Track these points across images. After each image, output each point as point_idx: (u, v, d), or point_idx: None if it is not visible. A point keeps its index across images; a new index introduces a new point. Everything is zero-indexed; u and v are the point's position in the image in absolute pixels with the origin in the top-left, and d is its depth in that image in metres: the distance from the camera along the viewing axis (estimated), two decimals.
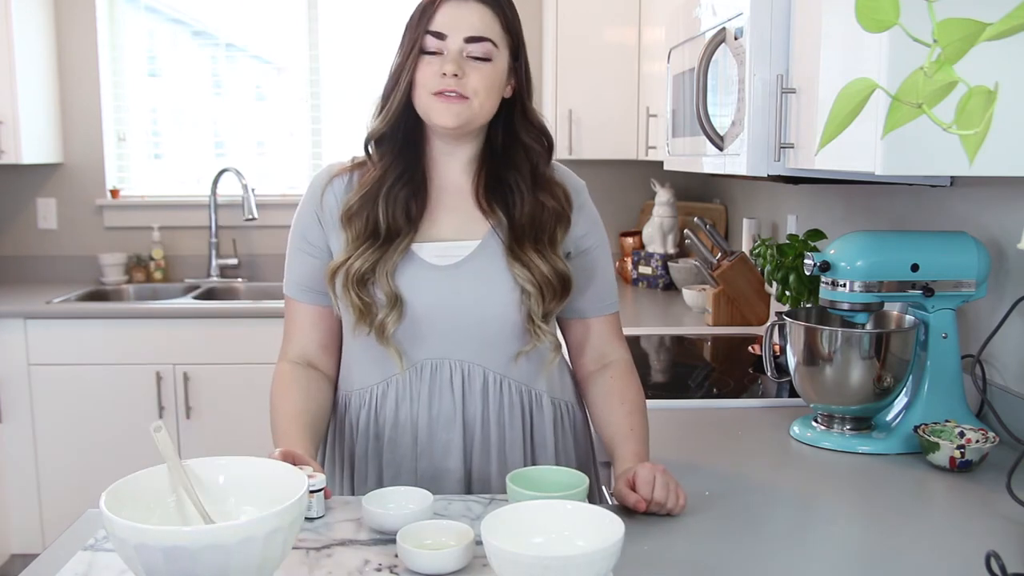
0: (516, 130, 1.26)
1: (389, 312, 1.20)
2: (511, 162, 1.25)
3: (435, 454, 1.25)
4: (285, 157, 3.57)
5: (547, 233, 1.24)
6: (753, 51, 1.43)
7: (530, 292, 1.21)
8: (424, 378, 1.24)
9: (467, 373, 1.24)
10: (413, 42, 1.19)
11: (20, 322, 2.87)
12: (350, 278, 1.19)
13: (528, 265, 1.21)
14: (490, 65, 1.19)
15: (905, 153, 1.05)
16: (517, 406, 1.27)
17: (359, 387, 1.28)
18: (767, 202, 2.70)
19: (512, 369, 1.26)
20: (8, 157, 3.03)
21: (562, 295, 1.24)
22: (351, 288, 1.19)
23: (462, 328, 1.23)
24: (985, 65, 0.71)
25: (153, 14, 3.51)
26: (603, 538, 0.86)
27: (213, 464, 0.96)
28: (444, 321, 1.22)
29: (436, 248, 1.23)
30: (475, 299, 1.22)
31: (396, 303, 1.20)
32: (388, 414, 1.25)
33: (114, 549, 0.92)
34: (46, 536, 2.92)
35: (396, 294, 1.20)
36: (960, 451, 1.27)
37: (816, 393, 1.44)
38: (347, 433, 1.30)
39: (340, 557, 0.97)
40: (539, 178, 1.26)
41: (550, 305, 1.23)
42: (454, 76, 1.16)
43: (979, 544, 1.01)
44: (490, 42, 1.19)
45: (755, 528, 1.11)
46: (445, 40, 1.18)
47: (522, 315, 1.23)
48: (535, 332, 1.23)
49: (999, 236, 1.45)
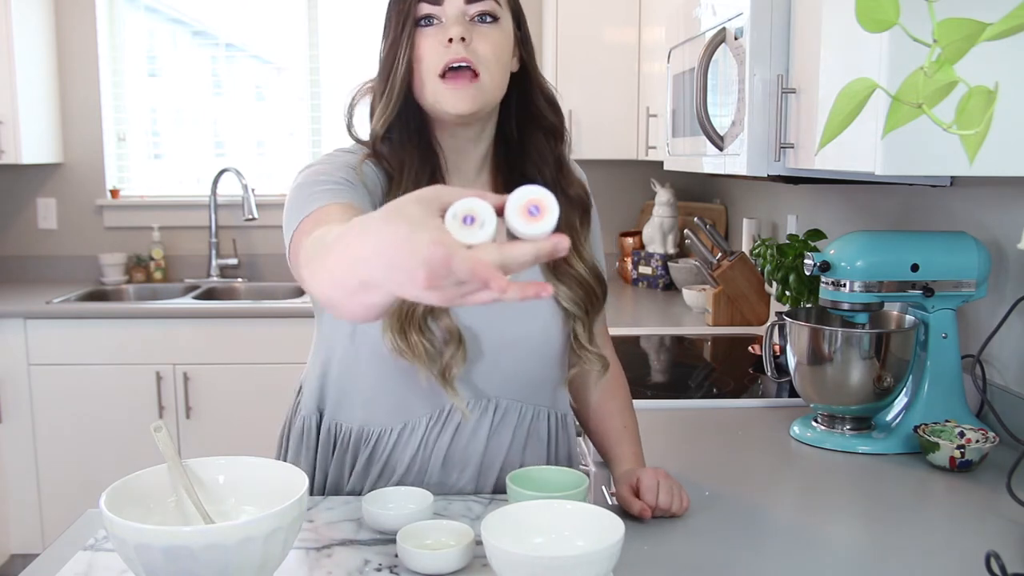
0: (531, 109, 1.10)
1: (456, 351, 1.04)
2: (531, 153, 1.11)
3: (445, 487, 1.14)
4: (285, 157, 3.57)
5: (575, 229, 1.12)
6: (753, 51, 1.44)
7: (575, 313, 1.10)
8: (452, 421, 1.11)
9: (499, 412, 1.12)
10: (403, 15, 1.03)
11: (20, 322, 2.87)
12: (415, 319, 1.02)
13: (570, 279, 1.09)
14: (497, 28, 1.03)
15: (905, 153, 1.05)
16: (545, 435, 1.17)
17: (369, 425, 1.13)
18: (767, 202, 2.70)
19: (550, 401, 1.16)
20: (8, 157, 3.04)
21: (602, 300, 1.13)
22: (413, 331, 1.01)
23: (504, 362, 1.10)
24: (985, 65, 0.71)
25: (153, 14, 3.51)
26: (603, 538, 0.86)
27: (213, 464, 0.96)
28: (485, 355, 1.09)
29: None
30: (518, 327, 1.09)
31: (460, 340, 1.04)
32: (403, 458, 1.12)
33: (114, 549, 0.92)
34: (46, 536, 2.92)
35: (458, 328, 1.04)
36: (960, 451, 1.27)
37: (816, 393, 1.44)
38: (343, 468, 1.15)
39: (340, 557, 0.97)
40: (562, 165, 1.13)
41: (594, 319, 1.13)
42: (461, 40, 1.00)
43: (979, 544, 1.01)
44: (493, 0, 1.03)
45: (755, 528, 1.11)
46: (442, 4, 1.02)
47: (566, 337, 1.12)
48: (583, 355, 1.12)
49: (999, 236, 1.46)
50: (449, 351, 1.04)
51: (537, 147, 1.12)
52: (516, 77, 1.10)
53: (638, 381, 1.89)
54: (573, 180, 1.15)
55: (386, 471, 1.13)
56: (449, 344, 1.04)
